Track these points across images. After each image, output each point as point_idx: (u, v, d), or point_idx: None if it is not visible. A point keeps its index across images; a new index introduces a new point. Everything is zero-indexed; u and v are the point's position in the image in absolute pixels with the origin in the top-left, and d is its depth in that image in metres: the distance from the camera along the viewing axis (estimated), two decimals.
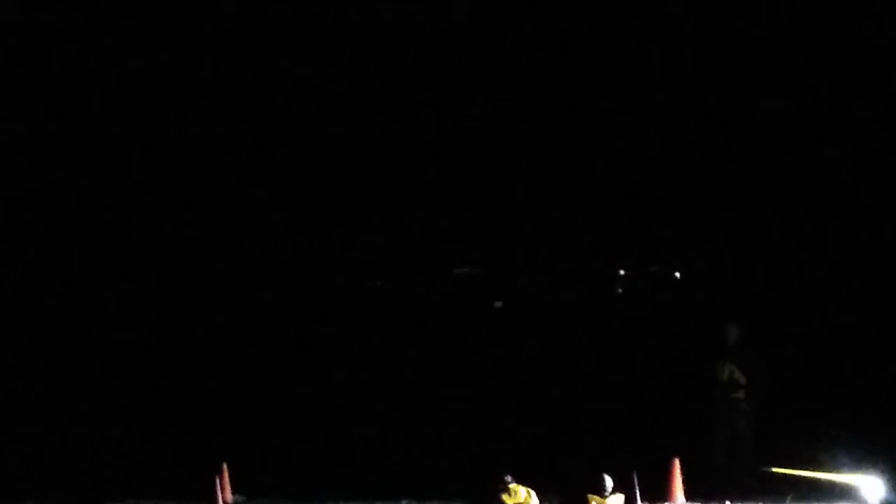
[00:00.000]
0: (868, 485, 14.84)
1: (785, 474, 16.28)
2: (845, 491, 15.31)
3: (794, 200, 22.31)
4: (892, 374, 20.04)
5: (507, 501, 13.89)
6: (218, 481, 15.80)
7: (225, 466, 16.20)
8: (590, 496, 14.12)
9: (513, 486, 13.96)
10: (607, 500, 14.11)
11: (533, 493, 14.04)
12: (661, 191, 22.87)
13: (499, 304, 24.49)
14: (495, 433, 19.16)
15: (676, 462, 16.12)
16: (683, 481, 16.09)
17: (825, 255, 22.19)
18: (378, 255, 23.64)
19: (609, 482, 14.19)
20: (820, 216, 22.34)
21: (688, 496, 16.08)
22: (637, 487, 14.94)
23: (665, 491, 15.94)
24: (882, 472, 15.02)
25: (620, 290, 24.09)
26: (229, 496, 16.11)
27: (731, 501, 16.01)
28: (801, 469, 16.15)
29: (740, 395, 17.33)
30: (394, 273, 23.95)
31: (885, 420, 18.15)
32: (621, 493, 14.37)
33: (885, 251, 21.78)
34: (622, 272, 24.08)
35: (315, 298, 23.22)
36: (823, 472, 15.89)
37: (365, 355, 22.16)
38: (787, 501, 15.77)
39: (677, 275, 23.96)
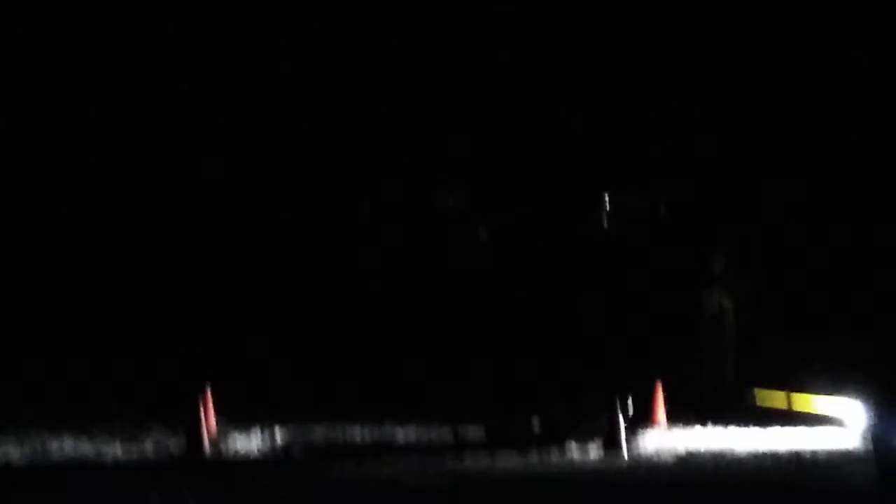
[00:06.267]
0: (852, 408, 14.90)
1: (766, 396, 16.35)
2: (828, 415, 15.37)
3: (782, 124, 22.22)
4: (881, 298, 20.01)
5: None
6: (202, 403, 15.75)
7: (209, 388, 16.14)
8: None
9: None
10: None
11: None
12: (646, 117, 22.76)
13: (483, 232, 24.36)
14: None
15: (659, 385, 16.16)
16: (666, 405, 16.14)
17: (815, 177, 22.07)
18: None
19: None
20: (809, 140, 22.25)
21: (670, 419, 16.13)
22: (620, 411, 15.00)
23: (648, 414, 15.99)
24: (866, 395, 15.06)
25: (604, 216, 23.94)
26: (212, 419, 16.05)
27: (713, 424, 16.07)
28: (783, 390, 16.22)
29: (728, 319, 17.39)
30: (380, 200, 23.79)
31: (871, 343, 18.16)
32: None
33: (880, 164, 21.61)
34: (606, 197, 23.94)
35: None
36: (807, 393, 15.96)
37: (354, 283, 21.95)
38: None
39: (662, 203, 23.82)
